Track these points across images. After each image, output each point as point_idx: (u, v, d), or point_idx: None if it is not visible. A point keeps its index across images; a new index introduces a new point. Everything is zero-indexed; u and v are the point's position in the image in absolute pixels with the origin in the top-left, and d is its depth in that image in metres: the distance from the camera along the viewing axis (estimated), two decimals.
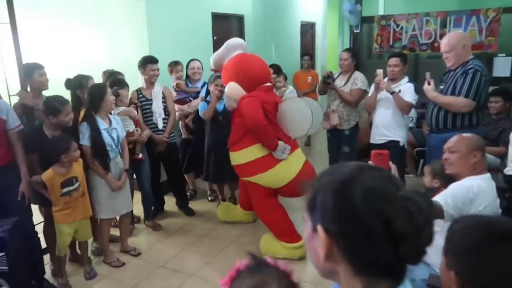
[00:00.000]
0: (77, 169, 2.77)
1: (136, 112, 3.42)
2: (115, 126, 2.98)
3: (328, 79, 4.04)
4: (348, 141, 4.17)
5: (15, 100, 2.89)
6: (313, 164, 3.26)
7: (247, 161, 3.08)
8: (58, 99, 2.76)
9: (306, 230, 0.76)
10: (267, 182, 3.09)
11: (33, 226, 2.86)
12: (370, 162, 1.55)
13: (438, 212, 1.80)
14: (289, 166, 3.05)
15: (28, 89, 2.92)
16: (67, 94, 3.06)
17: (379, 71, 3.65)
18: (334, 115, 4.07)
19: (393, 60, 3.68)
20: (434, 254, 0.73)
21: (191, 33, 4.74)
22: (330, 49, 8.82)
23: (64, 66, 4.06)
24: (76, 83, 3.09)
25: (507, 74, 6.18)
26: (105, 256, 3.15)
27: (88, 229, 2.94)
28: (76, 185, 2.75)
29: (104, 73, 3.67)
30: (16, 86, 2.91)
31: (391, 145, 3.66)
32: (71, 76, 3.16)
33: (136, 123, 3.46)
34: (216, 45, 5.24)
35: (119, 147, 3.05)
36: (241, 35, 5.87)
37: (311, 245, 0.75)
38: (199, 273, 2.99)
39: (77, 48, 4.38)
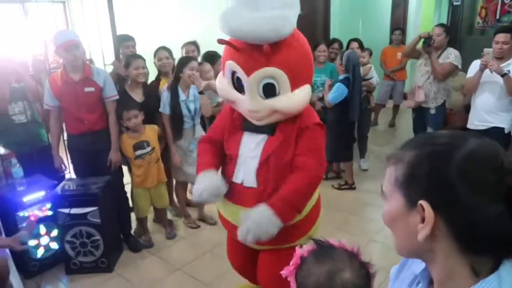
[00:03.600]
0: (149, 134, 2.93)
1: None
2: (192, 99, 3.05)
3: (429, 40, 3.75)
4: (433, 122, 3.94)
5: (109, 69, 3.13)
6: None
7: (309, 208, 1.84)
8: (134, 54, 2.97)
9: (392, 207, 0.70)
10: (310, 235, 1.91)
11: (123, 186, 3.11)
12: None
13: None
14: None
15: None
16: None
17: (488, 51, 3.27)
18: (420, 91, 3.89)
19: (502, 36, 3.23)
20: None
21: None
22: (424, 23, 8.11)
23: (156, 37, 4.27)
24: (154, 53, 3.24)
25: None
26: (184, 217, 3.35)
27: (165, 197, 3.12)
28: (148, 149, 2.90)
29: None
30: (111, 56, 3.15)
31: (493, 131, 3.29)
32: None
33: None
34: (301, 20, 5.11)
35: (195, 119, 3.11)
36: (327, 8, 5.66)
37: (401, 223, 0.69)
38: None
39: (168, 19, 4.57)
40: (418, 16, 7.92)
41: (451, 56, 3.78)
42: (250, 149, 1.74)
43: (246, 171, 1.75)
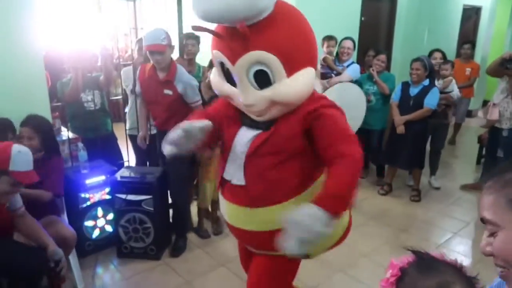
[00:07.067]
0: None
1: None
2: None
3: (508, 63, 3.40)
4: (505, 145, 3.64)
5: None
6: (458, 168, 2.86)
7: None
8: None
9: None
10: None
11: (185, 178, 3.02)
12: None
13: None
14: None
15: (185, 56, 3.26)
16: None
17: None
18: (495, 109, 3.59)
19: None
20: None
21: (339, 11, 4.60)
22: (496, 39, 7.65)
23: None
24: None
25: None
26: None
27: None
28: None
29: None
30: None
31: None
32: None
33: None
34: (363, 27, 5.02)
35: None
36: (392, 17, 5.50)
37: None
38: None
39: None
40: (490, 30, 7.49)
41: None
42: (241, 145, 1.51)
43: (235, 168, 1.55)
